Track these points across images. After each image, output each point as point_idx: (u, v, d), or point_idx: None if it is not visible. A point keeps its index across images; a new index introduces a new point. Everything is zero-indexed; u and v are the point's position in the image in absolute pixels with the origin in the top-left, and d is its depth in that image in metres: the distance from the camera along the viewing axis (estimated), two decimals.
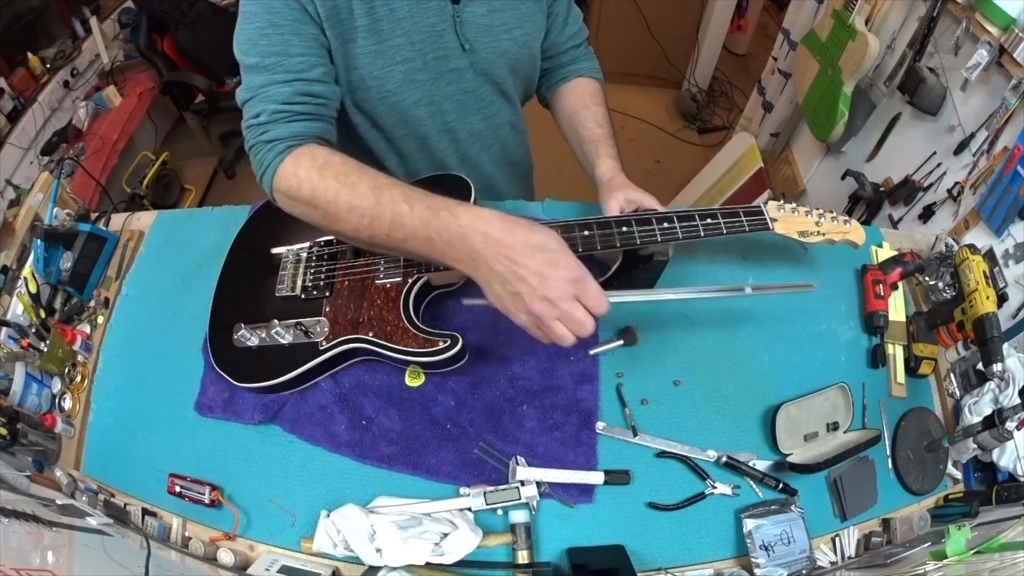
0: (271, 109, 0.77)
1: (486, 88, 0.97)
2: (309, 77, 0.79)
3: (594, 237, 0.83)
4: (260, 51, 0.77)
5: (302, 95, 0.79)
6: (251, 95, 0.79)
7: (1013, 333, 1.04)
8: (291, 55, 0.78)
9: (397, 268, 0.89)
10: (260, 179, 0.80)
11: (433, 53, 0.87)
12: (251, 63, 0.78)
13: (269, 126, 0.77)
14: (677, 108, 3.28)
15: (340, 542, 0.77)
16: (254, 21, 0.77)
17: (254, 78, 0.79)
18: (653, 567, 0.80)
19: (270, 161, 0.77)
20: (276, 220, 1.00)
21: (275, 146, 0.77)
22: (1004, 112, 1.18)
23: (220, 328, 0.90)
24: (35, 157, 2.29)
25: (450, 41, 0.87)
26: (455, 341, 0.81)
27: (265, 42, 0.77)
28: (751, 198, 2.24)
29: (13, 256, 1.05)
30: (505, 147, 1.11)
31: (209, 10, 2.79)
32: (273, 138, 0.77)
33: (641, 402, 0.90)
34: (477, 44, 0.89)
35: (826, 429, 0.90)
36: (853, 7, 1.60)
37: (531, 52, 0.98)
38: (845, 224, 0.89)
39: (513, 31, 0.92)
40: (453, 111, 0.96)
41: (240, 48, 0.79)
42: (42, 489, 0.78)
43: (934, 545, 0.77)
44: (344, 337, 0.85)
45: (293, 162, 0.75)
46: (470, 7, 0.86)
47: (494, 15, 0.89)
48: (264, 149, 0.77)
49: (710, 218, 0.86)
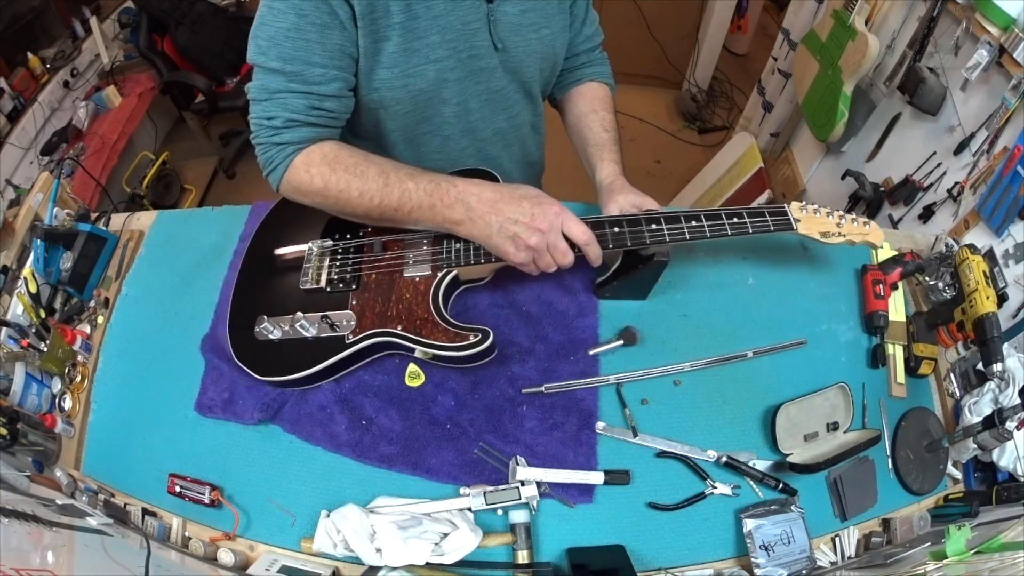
0: (285, 117, 0.80)
1: (512, 87, 0.97)
2: (325, 92, 0.80)
3: (624, 234, 0.84)
4: (282, 54, 0.77)
5: (316, 109, 0.81)
6: (266, 97, 0.80)
7: (1013, 333, 1.04)
8: (312, 64, 0.78)
9: (425, 261, 0.89)
10: (268, 174, 0.85)
11: (466, 52, 0.87)
12: (271, 66, 0.78)
13: (281, 131, 0.81)
14: (677, 108, 3.28)
15: (340, 542, 0.77)
16: (280, 20, 0.76)
17: (271, 81, 0.79)
18: (653, 567, 0.80)
19: (280, 161, 0.82)
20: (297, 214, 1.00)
21: (285, 148, 0.82)
22: (1004, 112, 1.18)
23: (241, 322, 0.90)
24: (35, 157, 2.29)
25: (483, 40, 0.87)
26: (486, 335, 0.81)
27: (289, 45, 0.76)
28: (751, 198, 2.24)
29: (13, 256, 1.05)
30: (525, 147, 1.12)
31: (209, 10, 2.79)
32: (284, 142, 0.82)
33: (641, 402, 0.90)
34: (508, 43, 0.90)
35: (826, 429, 0.90)
36: (853, 7, 1.60)
37: (555, 51, 0.98)
38: (864, 226, 0.89)
39: (541, 30, 0.92)
40: (479, 110, 0.96)
41: (259, 46, 0.78)
42: (42, 489, 0.78)
43: (934, 545, 0.77)
44: (373, 331, 0.85)
45: (304, 160, 0.82)
46: (503, 6, 0.86)
47: (525, 15, 0.89)
48: (275, 150, 0.82)
49: (736, 217, 0.86)
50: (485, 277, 0.96)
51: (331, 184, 0.81)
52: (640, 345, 0.94)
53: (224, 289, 1.02)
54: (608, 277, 0.95)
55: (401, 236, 0.93)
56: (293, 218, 1.01)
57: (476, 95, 0.94)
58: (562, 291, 0.98)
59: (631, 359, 0.93)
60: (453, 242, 0.89)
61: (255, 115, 0.82)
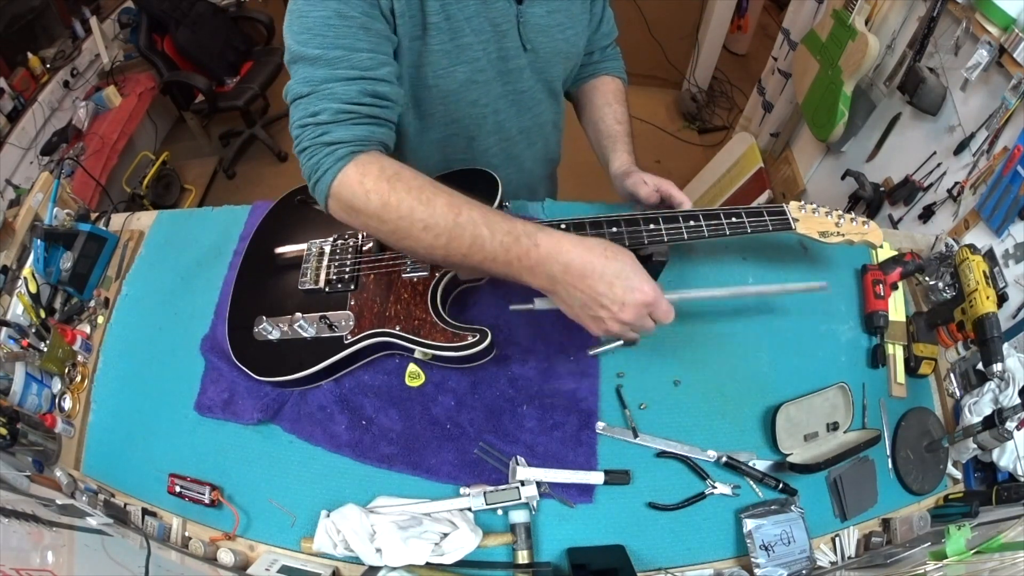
0: (334, 108, 0.70)
1: (538, 87, 0.98)
2: (376, 76, 0.73)
3: (622, 234, 0.84)
4: (324, 43, 0.71)
5: (368, 95, 0.72)
6: (309, 90, 0.71)
7: (1013, 333, 1.04)
8: (358, 50, 0.72)
9: (424, 262, 0.89)
10: (314, 184, 0.72)
11: (496, 53, 0.87)
12: (312, 55, 0.71)
13: (330, 127, 0.70)
14: (677, 108, 3.28)
15: (340, 542, 0.77)
16: (319, 9, 0.70)
17: (314, 72, 0.71)
18: (653, 567, 0.80)
19: (330, 166, 0.70)
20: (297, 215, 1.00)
21: (336, 150, 0.70)
22: (1004, 112, 1.18)
23: (239, 322, 0.90)
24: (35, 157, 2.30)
25: (512, 41, 0.87)
26: (484, 336, 0.81)
27: (331, 33, 0.71)
28: (751, 198, 2.24)
29: (13, 256, 1.05)
30: (547, 144, 1.13)
31: (209, 10, 2.80)
32: (334, 141, 0.70)
33: (639, 407, 0.90)
34: (536, 44, 0.90)
35: (826, 429, 0.90)
36: (853, 7, 1.60)
37: (578, 51, 0.99)
38: (864, 225, 0.89)
39: (567, 30, 0.93)
40: (506, 110, 0.96)
41: (297, 38, 0.72)
42: (42, 489, 0.78)
43: (934, 545, 0.77)
44: (371, 331, 0.85)
45: (359, 170, 0.69)
46: (532, 7, 0.86)
47: (552, 15, 0.89)
48: (322, 152, 0.70)
49: (735, 217, 0.86)
50: (485, 277, 0.96)
51: (391, 207, 0.67)
52: (640, 345, 0.94)
53: (224, 289, 1.02)
54: None
55: None
56: (292, 218, 1.01)
57: (503, 95, 0.94)
58: None
59: (631, 359, 0.93)
60: None
61: (297, 118, 0.72)
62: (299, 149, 0.72)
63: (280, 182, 2.91)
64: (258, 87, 2.79)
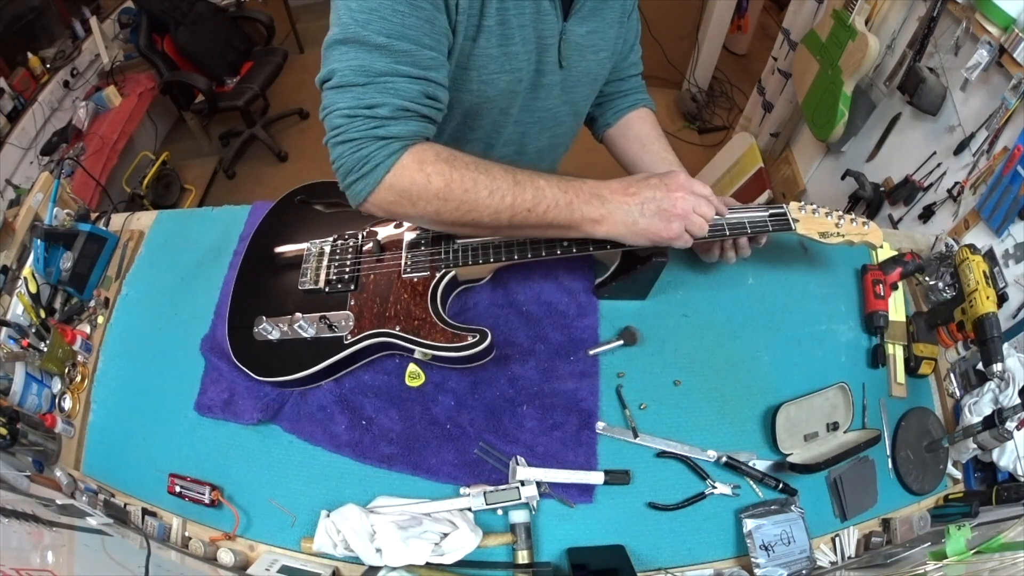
0: (395, 104, 0.69)
1: (564, 108, 0.96)
2: (435, 79, 0.72)
3: None
4: (390, 30, 0.67)
5: (427, 97, 0.72)
6: (366, 81, 0.68)
7: (1013, 333, 1.04)
8: (424, 46, 0.69)
9: (424, 262, 0.89)
10: (359, 176, 0.70)
11: (536, 66, 0.85)
12: (375, 41, 0.67)
13: (389, 123, 0.69)
14: (677, 108, 3.28)
15: (340, 542, 0.77)
16: None
17: (373, 60, 0.68)
18: (653, 567, 0.80)
19: (383, 159, 0.69)
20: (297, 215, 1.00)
21: (390, 144, 0.70)
22: (1004, 112, 1.18)
23: (239, 322, 0.90)
24: (35, 157, 2.30)
25: (551, 56, 0.85)
26: (484, 336, 0.81)
27: (398, 20, 0.67)
28: (751, 198, 2.24)
29: (13, 256, 1.05)
30: (553, 164, 1.12)
31: (209, 10, 2.80)
32: (390, 135, 0.69)
33: (639, 407, 0.90)
34: (571, 63, 0.88)
35: (826, 429, 0.90)
36: (853, 7, 1.60)
37: (604, 75, 0.98)
38: (864, 226, 0.89)
39: (600, 52, 0.91)
40: (531, 125, 0.95)
41: (356, 19, 0.67)
42: (42, 489, 0.78)
43: (934, 545, 0.77)
44: (371, 331, 0.85)
45: (415, 158, 0.70)
46: (575, 26, 0.85)
47: (589, 36, 0.88)
48: (374, 146, 0.69)
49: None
50: (484, 277, 0.96)
51: (455, 183, 0.70)
52: (640, 345, 0.94)
53: (224, 289, 1.02)
54: (607, 277, 0.95)
55: (400, 237, 0.93)
56: (292, 218, 1.01)
57: (532, 110, 0.93)
58: (562, 291, 0.98)
59: (631, 359, 0.93)
60: (451, 243, 0.89)
61: (345, 106, 0.68)
62: (342, 139, 0.69)
63: (280, 182, 2.91)
64: (258, 87, 2.79)
